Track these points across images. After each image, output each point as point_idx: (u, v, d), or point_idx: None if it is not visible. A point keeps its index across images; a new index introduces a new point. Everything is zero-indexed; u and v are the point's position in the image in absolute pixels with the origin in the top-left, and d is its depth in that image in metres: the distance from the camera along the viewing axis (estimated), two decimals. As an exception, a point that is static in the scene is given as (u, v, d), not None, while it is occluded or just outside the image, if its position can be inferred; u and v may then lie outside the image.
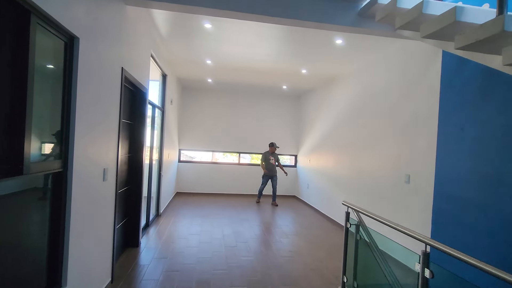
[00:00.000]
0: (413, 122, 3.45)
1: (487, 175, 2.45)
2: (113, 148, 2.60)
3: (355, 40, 3.84)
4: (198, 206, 6.31)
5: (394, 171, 3.74)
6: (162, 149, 5.30)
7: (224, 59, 5.07)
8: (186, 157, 8.27)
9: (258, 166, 8.22)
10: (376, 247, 2.48)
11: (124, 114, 3.13)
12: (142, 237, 4.03)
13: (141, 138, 3.66)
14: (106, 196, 2.49)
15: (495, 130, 2.42)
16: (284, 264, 3.42)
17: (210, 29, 3.77)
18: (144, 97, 3.67)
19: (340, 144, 5.51)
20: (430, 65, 3.21)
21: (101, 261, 2.48)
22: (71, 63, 1.82)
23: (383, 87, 4.17)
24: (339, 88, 5.72)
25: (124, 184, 3.36)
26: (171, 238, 4.08)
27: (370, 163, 4.38)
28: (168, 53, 4.93)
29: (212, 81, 6.93)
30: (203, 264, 3.27)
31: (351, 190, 4.93)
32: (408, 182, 3.46)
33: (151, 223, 4.75)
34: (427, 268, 1.77)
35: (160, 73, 5.15)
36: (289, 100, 8.34)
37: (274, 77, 6.13)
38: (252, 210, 6.19)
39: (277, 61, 5.01)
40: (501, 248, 2.31)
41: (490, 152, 2.44)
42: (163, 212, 5.49)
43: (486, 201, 2.44)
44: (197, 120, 7.92)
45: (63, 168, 1.79)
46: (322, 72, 5.58)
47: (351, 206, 2.77)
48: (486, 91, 2.52)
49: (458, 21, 1.72)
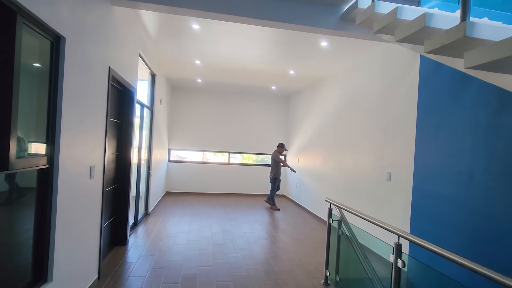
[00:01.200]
0: (394, 122, 3.59)
1: (460, 172, 2.59)
2: (100, 146, 2.64)
3: (339, 43, 3.97)
4: (188, 205, 6.34)
5: (376, 169, 3.88)
6: (151, 149, 5.32)
7: (213, 59, 5.13)
8: (177, 157, 8.28)
9: (248, 166, 8.31)
10: (356, 242, 2.59)
11: (111, 113, 3.16)
12: (130, 235, 4.05)
13: (129, 137, 3.69)
14: (93, 194, 2.53)
15: (466, 130, 2.56)
16: (270, 260, 3.50)
17: (198, 30, 3.83)
18: (132, 97, 3.70)
19: (326, 144, 5.65)
20: (410, 67, 3.35)
21: (88, 258, 2.51)
22: (57, 62, 1.86)
23: (365, 88, 4.31)
24: (325, 90, 5.86)
25: (112, 183, 3.38)
26: (159, 237, 4.12)
27: (354, 162, 4.52)
28: (157, 53, 4.96)
29: (201, 81, 6.98)
30: (190, 260, 3.33)
31: (337, 188, 5.06)
32: (389, 180, 3.60)
33: (140, 222, 4.77)
34: (399, 259, 1.89)
35: (149, 73, 5.17)
36: (278, 101, 8.45)
37: (263, 78, 6.23)
38: (241, 209, 6.26)
39: (266, 62, 5.10)
40: (474, 242, 2.45)
41: (462, 151, 2.58)
42: (152, 211, 5.51)
43: (459, 197, 2.58)
44: (187, 120, 7.95)
45: (49, 164, 1.83)
46: (309, 74, 5.70)
47: (333, 203, 2.88)
48: (459, 93, 2.67)
49: (427, 26, 1.83)
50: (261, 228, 4.86)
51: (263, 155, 8.55)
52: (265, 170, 8.32)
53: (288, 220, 5.55)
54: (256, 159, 8.74)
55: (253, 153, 8.51)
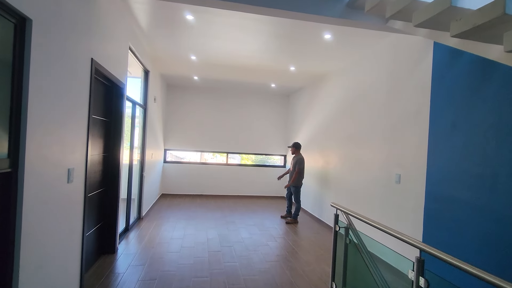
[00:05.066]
0: (404, 119, 3.33)
1: (481, 174, 2.34)
2: (81, 146, 2.37)
3: (343, 35, 3.71)
4: (184, 208, 6.07)
5: (385, 171, 3.62)
6: (144, 149, 5.05)
7: (209, 55, 4.87)
8: (176, 157, 8.01)
9: (247, 166, 8.04)
10: (366, 251, 2.33)
11: (97, 110, 2.89)
12: (120, 242, 3.78)
13: (118, 136, 3.42)
14: (72, 200, 2.26)
15: (488, 128, 2.30)
16: (270, 269, 3.24)
17: (192, 21, 3.56)
18: (121, 93, 3.43)
19: (329, 143, 5.38)
20: (421, 60, 3.09)
21: (67, 272, 2.24)
22: (22, 48, 1.59)
23: (372, 84, 4.05)
24: (328, 87, 5.60)
25: (98, 186, 3.11)
26: (152, 243, 3.85)
27: (360, 163, 4.26)
28: (150, 48, 4.69)
29: (198, 79, 6.71)
30: (183, 271, 3.06)
31: (341, 191, 4.80)
32: (399, 182, 3.34)
33: (132, 226, 4.50)
34: (422, 277, 1.62)
35: (142, 69, 4.90)
36: (278, 99, 8.19)
37: (262, 74, 5.96)
38: (240, 212, 5.99)
39: (264, 57, 4.84)
40: (494, 251, 2.19)
41: (484, 151, 2.33)
42: (145, 215, 5.23)
43: (480, 202, 2.33)
44: (183, 120, 7.68)
45: (12, 168, 1.56)
46: (311, 70, 5.44)
47: (340, 208, 2.62)
48: (479, 87, 2.41)
49: (453, 6, 1.57)
50: (260, 233, 4.59)
51: (262, 155, 8.29)
52: (264, 171, 8.06)
53: (289, 224, 5.29)
54: (255, 159, 8.48)
55: (252, 153, 8.24)
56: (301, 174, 5.45)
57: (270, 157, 8.40)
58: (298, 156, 5.51)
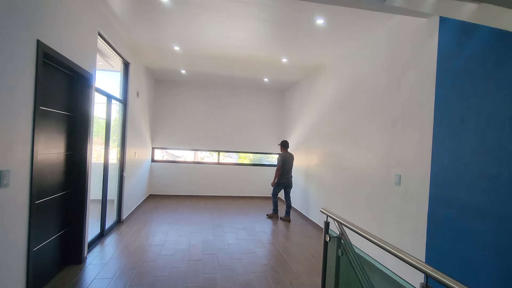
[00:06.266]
0: (404, 113, 2.96)
1: (496, 175, 1.97)
2: (23, 143, 2.00)
3: (337, 20, 3.33)
4: (170, 210, 5.71)
5: (383, 171, 3.26)
6: (124, 147, 4.68)
7: (194, 45, 4.49)
8: (165, 156, 7.64)
9: (241, 166, 7.68)
10: (361, 269, 1.97)
11: (52, 102, 2.52)
12: (91, 250, 3.42)
13: (85, 133, 3.05)
14: (9, 208, 1.89)
15: (505, 120, 1.94)
16: (254, 282, 2.88)
17: (167, 4, 3.18)
18: (88, 84, 3.06)
19: (324, 141, 5.02)
20: (424, 45, 2.72)
21: (3, 293, 1.88)
22: None
23: (369, 75, 3.68)
24: (323, 80, 5.23)
25: (59, 188, 2.75)
26: (127, 251, 3.49)
27: (355, 162, 3.89)
28: (128, 37, 4.31)
29: (186, 73, 6.33)
30: (155, 286, 2.70)
31: (335, 192, 4.43)
32: (399, 184, 2.98)
33: (109, 231, 4.14)
34: (428, 309, 1.26)
35: (121, 61, 4.53)
36: (272, 95, 7.81)
37: (253, 67, 5.59)
38: (229, 215, 5.63)
39: (254, 47, 4.47)
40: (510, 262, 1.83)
41: (500, 149, 1.96)
42: (126, 218, 4.87)
43: (498, 208, 1.96)
44: (173, 117, 7.30)
45: None
46: (304, 62, 5.07)
47: (332, 216, 2.25)
48: (494, 73, 2.04)
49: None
50: (248, 239, 4.23)
51: (257, 154, 7.91)
52: (259, 170, 7.70)
53: (281, 228, 4.93)
54: (254, 158, 8.11)
55: (244, 152, 7.86)
56: (279, 172, 5.52)
57: (265, 156, 8.03)
58: (279, 154, 5.65)
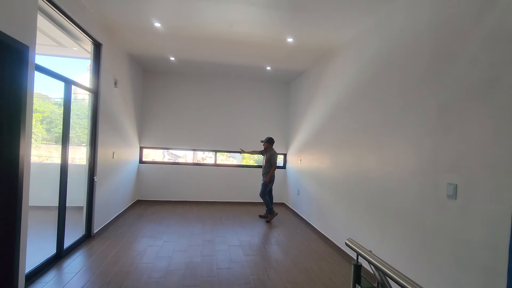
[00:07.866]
0: (462, 95, 2.06)
1: None
2: None
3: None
4: (156, 219, 4.88)
5: (424, 177, 2.35)
6: (95, 146, 3.87)
7: (178, 21, 3.65)
8: (172, 156, 6.84)
9: (238, 168, 6.82)
10: None
11: None
12: (34, 282, 2.60)
13: (16, 125, 2.24)
14: None
15: None
16: (245, 338, 2.01)
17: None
18: (22, 58, 2.24)
19: (338, 138, 4.11)
20: None
21: None
22: None
23: (404, 46, 2.78)
24: (337, 65, 4.32)
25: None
26: (82, 279, 2.66)
27: (383, 164, 2.99)
28: (95, 9, 3.49)
29: (175, 60, 5.49)
30: None
31: (355, 202, 3.52)
32: (454, 197, 2.07)
33: (71, 250, 3.33)
34: None
35: (90, 41, 3.71)
36: (275, 88, 6.93)
37: (252, 51, 4.72)
38: (224, 226, 4.77)
39: (253, 22, 3.60)
40: None
41: None
42: (100, 231, 4.05)
43: None
44: (164, 113, 6.48)
45: None
46: (314, 42, 4.17)
47: (365, 254, 1.37)
48: None
49: None
50: (244, 261, 3.37)
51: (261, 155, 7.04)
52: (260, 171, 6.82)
53: (285, 244, 4.05)
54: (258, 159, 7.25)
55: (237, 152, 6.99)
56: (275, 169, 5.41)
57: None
58: (271, 151, 5.42)
